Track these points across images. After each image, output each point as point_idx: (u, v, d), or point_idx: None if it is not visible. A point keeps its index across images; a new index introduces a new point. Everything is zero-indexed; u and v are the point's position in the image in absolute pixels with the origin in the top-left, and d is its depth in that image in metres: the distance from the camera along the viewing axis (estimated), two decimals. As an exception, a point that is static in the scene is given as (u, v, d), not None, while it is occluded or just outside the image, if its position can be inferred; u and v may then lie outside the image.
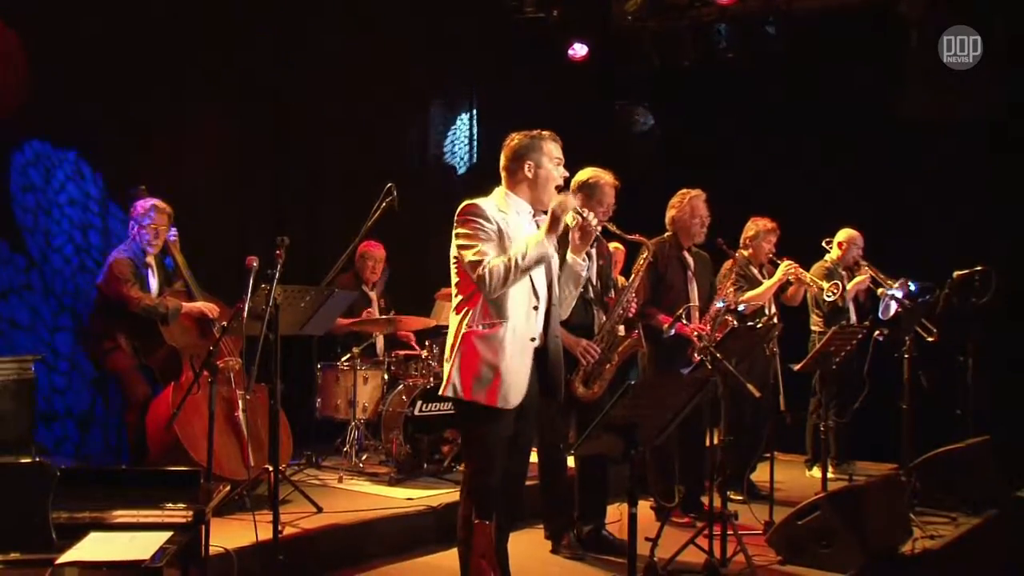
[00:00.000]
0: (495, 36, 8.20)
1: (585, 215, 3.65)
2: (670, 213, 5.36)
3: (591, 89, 8.95)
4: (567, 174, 3.67)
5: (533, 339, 3.51)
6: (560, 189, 3.60)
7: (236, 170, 6.56)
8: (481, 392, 3.41)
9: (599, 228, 3.77)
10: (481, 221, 3.45)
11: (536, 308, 3.52)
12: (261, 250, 4.32)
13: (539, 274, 3.54)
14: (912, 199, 7.45)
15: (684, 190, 5.38)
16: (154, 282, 5.06)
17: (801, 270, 5.87)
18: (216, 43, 6.30)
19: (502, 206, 3.56)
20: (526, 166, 3.57)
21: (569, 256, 3.72)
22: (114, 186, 5.89)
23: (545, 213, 3.54)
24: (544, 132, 3.64)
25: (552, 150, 3.61)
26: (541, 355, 3.55)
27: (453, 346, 3.51)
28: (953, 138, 7.24)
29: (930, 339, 5.94)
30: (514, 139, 3.62)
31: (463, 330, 3.48)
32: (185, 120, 6.16)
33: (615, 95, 9.17)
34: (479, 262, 3.38)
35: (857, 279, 6.46)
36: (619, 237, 4.90)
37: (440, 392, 3.56)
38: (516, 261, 3.35)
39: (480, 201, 3.54)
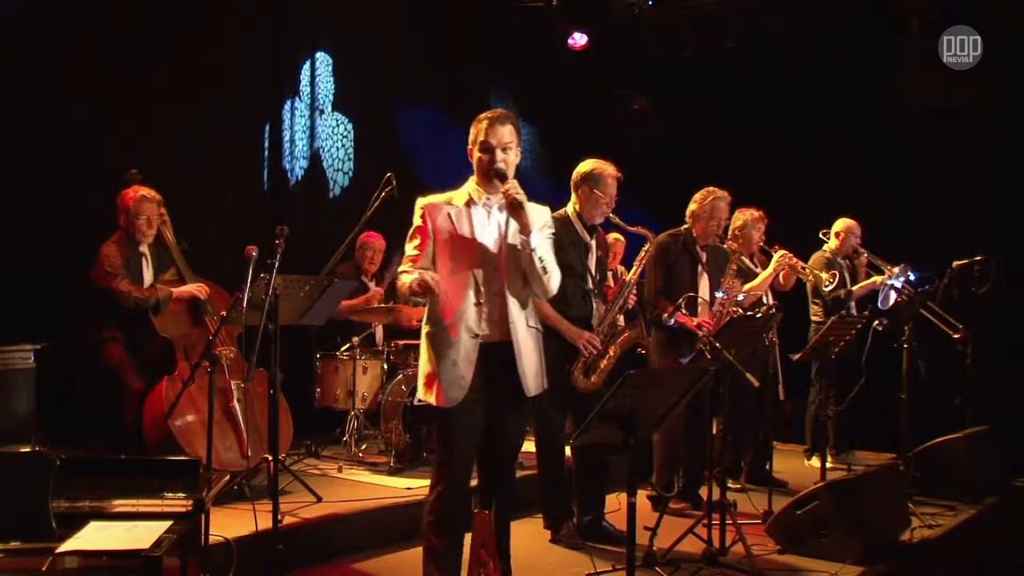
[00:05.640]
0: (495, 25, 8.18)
1: (506, 186, 3.31)
2: (691, 207, 5.26)
3: (591, 78, 8.92)
4: (503, 165, 3.36)
5: (476, 335, 3.38)
6: (498, 176, 3.35)
7: (236, 160, 6.54)
8: (429, 393, 3.40)
9: (517, 191, 3.29)
10: (416, 224, 3.45)
11: (479, 304, 3.40)
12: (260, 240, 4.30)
13: (482, 269, 3.41)
14: (911, 187, 7.43)
15: (711, 188, 5.26)
16: (148, 272, 4.97)
17: (795, 259, 5.84)
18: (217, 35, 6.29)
19: (458, 199, 3.47)
20: (472, 152, 3.48)
21: (512, 237, 3.43)
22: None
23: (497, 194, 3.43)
24: (485, 114, 3.47)
25: (483, 132, 3.40)
26: (503, 350, 3.41)
27: None
28: (953, 128, 7.23)
29: (956, 336, 5.88)
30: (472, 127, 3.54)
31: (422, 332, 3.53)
32: (185, 110, 6.12)
33: (615, 84, 9.14)
34: (401, 272, 3.43)
35: (864, 282, 6.46)
36: (621, 229, 4.87)
37: None
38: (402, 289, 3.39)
39: (428, 198, 3.49)
